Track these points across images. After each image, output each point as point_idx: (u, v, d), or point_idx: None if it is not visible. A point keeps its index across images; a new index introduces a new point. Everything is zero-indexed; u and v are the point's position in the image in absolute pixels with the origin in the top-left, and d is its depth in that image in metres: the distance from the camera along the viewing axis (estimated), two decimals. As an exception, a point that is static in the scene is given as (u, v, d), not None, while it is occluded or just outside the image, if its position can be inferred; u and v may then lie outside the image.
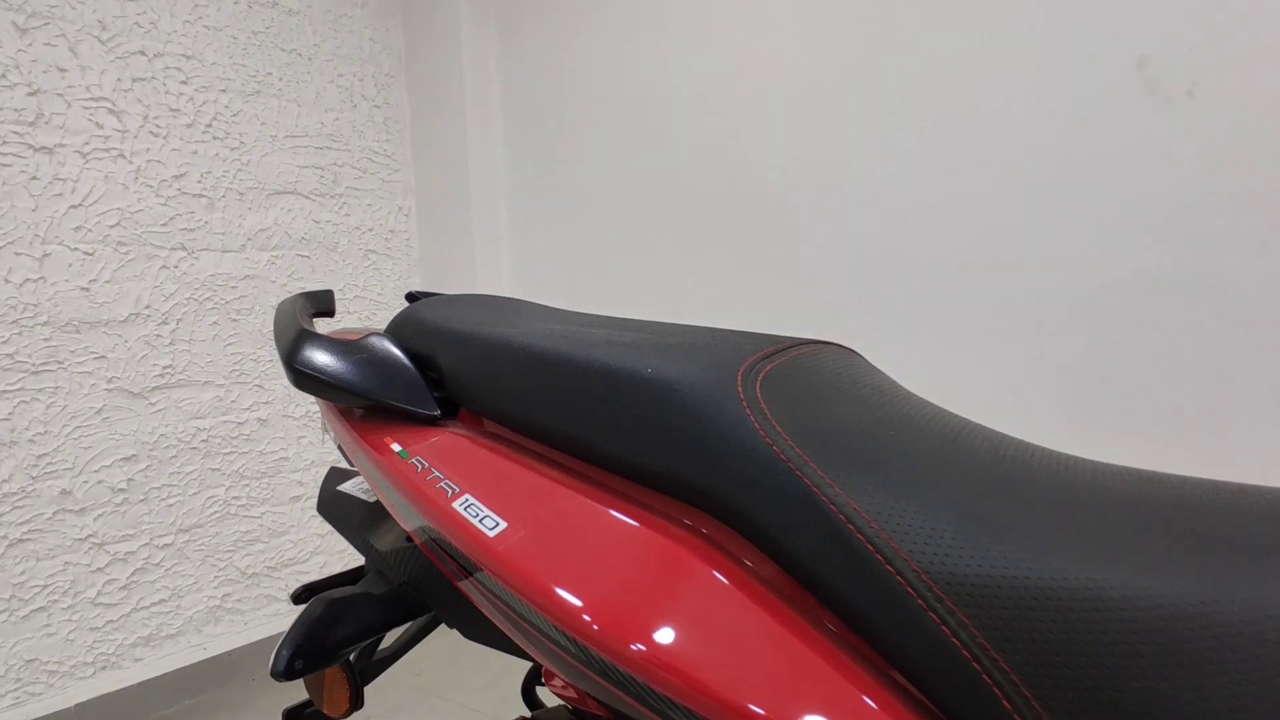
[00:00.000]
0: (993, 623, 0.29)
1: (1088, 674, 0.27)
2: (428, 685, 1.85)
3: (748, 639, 0.33)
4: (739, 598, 0.34)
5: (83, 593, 1.70)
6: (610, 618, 0.34)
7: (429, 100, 2.29)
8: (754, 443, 0.35)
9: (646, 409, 0.39)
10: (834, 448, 0.35)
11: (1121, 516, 0.31)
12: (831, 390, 0.39)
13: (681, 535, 0.37)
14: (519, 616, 0.39)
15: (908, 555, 0.31)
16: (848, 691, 0.31)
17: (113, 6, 1.72)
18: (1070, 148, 1.45)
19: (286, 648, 0.48)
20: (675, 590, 0.35)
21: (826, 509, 0.33)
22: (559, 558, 0.37)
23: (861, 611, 0.32)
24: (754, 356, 0.40)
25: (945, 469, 0.34)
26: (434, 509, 0.42)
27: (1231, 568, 0.27)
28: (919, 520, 0.31)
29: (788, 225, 1.78)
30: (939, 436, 0.37)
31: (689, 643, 0.33)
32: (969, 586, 0.29)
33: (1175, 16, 1.34)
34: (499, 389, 0.46)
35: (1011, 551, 0.30)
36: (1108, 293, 1.43)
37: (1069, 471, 0.34)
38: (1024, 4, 1.47)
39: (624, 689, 0.35)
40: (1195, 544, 0.29)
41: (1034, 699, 0.28)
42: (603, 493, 0.40)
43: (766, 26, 1.77)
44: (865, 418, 0.37)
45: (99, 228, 1.72)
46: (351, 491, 0.62)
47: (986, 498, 0.32)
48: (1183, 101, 1.36)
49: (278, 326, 0.55)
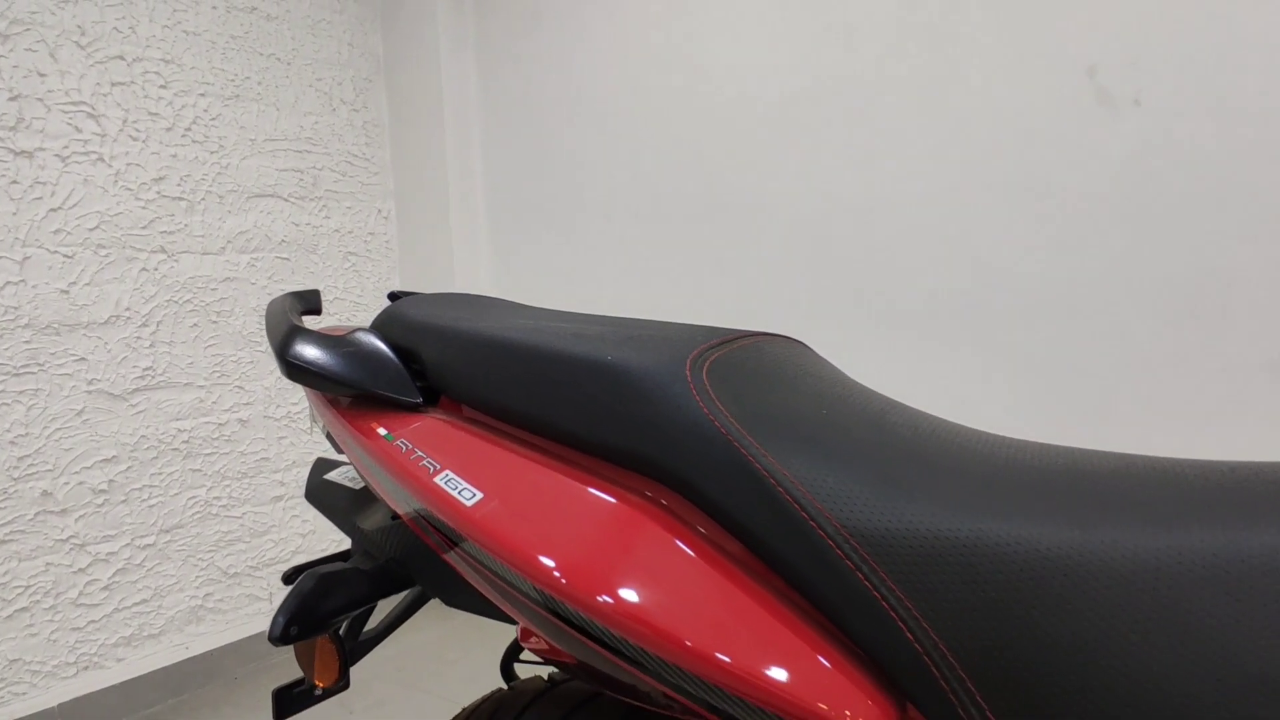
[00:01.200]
0: (899, 568, 0.34)
1: (975, 607, 0.32)
2: (411, 680, 1.88)
3: (694, 590, 0.38)
4: (688, 556, 0.39)
5: (64, 593, 1.72)
6: (577, 574, 0.39)
7: (408, 104, 2.32)
8: (698, 420, 0.40)
9: (606, 393, 0.43)
10: (770, 423, 0.39)
11: (1012, 481, 0.35)
12: (772, 375, 0.44)
13: (639, 503, 0.42)
14: (498, 578, 0.43)
15: (829, 513, 0.36)
16: (778, 630, 0.36)
17: (92, 12, 1.74)
18: (1026, 153, 1.52)
19: (282, 615, 0.52)
20: (633, 550, 0.40)
21: (760, 475, 0.38)
22: (530, 523, 0.42)
23: (791, 563, 0.37)
24: (703, 346, 0.44)
25: (867, 441, 0.39)
26: (418, 485, 0.47)
27: (1097, 520, 0.32)
28: (840, 484, 0.36)
29: (758, 226, 1.83)
30: (865, 415, 0.42)
31: (643, 593, 0.38)
32: (880, 538, 0.34)
33: (1121, 29, 1.41)
34: (475, 377, 0.51)
35: (916, 509, 0.34)
36: (1062, 290, 1.50)
37: (976, 445, 0.39)
38: (982, 17, 1.53)
39: (590, 637, 0.40)
40: (1070, 501, 0.34)
41: (931, 630, 0.33)
42: (569, 467, 0.45)
43: (739, 35, 1.83)
44: (800, 398, 0.42)
45: (78, 231, 1.73)
46: (337, 480, 0.66)
47: (899, 465, 0.37)
48: (1130, 109, 1.43)
49: (270, 323, 0.59)
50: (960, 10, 1.55)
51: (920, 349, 1.65)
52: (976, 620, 0.32)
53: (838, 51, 1.70)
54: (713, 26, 1.86)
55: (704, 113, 1.89)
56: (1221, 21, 1.34)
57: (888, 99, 1.65)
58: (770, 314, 1.84)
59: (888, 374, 1.70)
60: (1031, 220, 1.52)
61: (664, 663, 0.37)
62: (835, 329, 1.75)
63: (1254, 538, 0.30)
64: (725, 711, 0.37)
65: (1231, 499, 0.32)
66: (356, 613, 0.56)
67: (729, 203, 1.87)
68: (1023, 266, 1.53)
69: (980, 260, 1.57)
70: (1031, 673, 0.31)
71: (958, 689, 0.32)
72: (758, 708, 0.35)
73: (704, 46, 1.88)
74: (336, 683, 0.58)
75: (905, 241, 1.65)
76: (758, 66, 1.81)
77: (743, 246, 1.86)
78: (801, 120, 1.76)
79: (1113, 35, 1.42)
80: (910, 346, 1.66)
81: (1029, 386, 1.54)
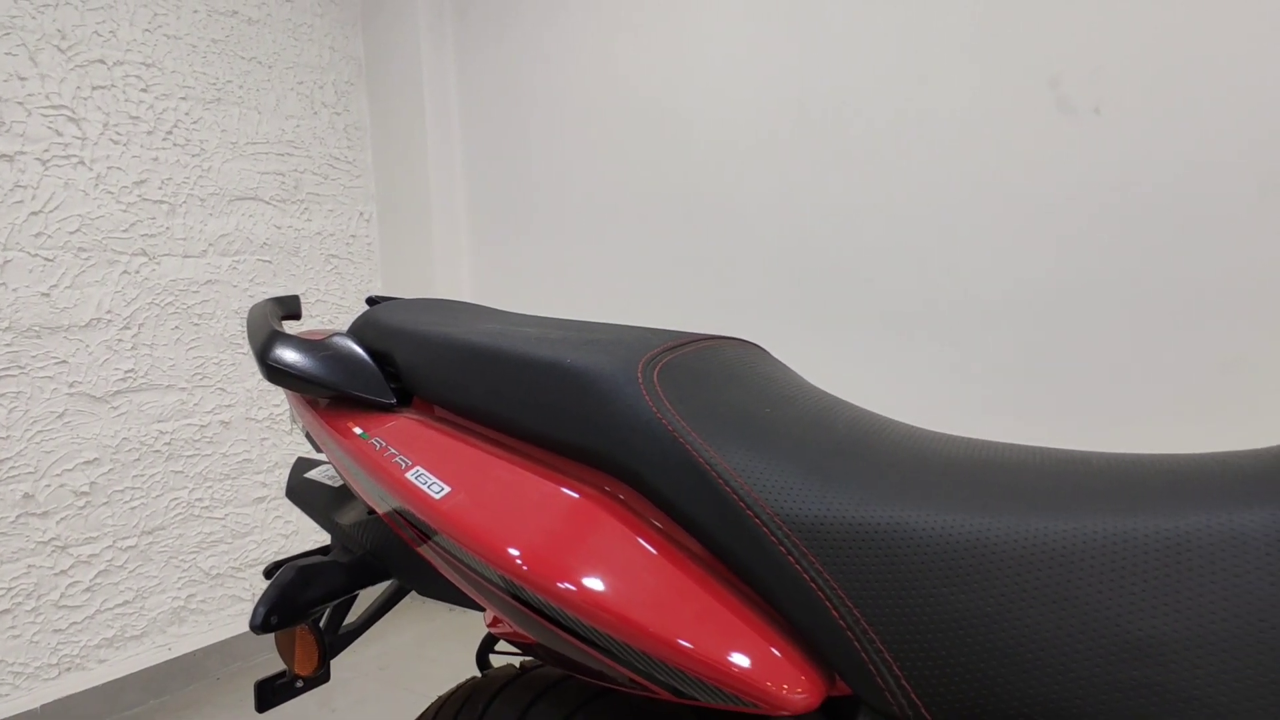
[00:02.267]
0: (827, 552, 0.37)
1: (893, 587, 0.35)
2: (393, 678, 1.90)
3: (644, 576, 0.41)
4: (640, 545, 0.42)
5: (46, 595, 1.72)
6: (537, 562, 0.42)
7: (389, 107, 2.34)
8: (647, 418, 0.43)
9: (563, 393, 0.46)
10: (714, 421, 0.43)
11: (933, 473, 0.39)
12: (721, 376, 0.47)
13: (596, 496, 0.45)
14: (467, 568, 0.46)
15: (765, 503, 0.39)
16: (720, 612, 0.40)
17: (73, 16, 1.75)
18: (992, 160, 1.56)
19: (263, 605, 0.55)
20: (589, 540, 0.43)
21: (703, 469, 0.41)
22: (494, 514, 0.45)
23: (732, 550, 0.40)
24: (658, 349, 0.48)
25: (804, 438, 0.42)
26: (390, 480, 0.50)
27: (1003, 507, 0.36)
28: (776, 476, 0.39)
29: (735, 230, 1.87)
30: (807, 413, 0.45)
31: (597, 579, 0.41)
32: (811, 525, 0.38)
33: (1083, 40, 1.46)
34: (445, 380, 0.53)
35: (844, 499, 0.38)
36: (1026, 293, 1.54)
37: (907, 441, 0.43)
38: (951, 26, 1.58)
39: (550, 620, 0.43)
40: (982, 491, 0.37)
41: (855, 608, 0.36)
42: (531, 462, 0.48)
43: (717, 39, 1.86)
44: (746, 398, 0.45)
45: (59, 234, 1.74)
46: (317, 478, 0.69)
47: (832, 459, 0.40)
48: (1091, 117, 1.48)
49: (251, 328, 0.61)
50: (928, 20, 1.60)
51: (891, 349, 1.70)
52: (894, 598, 0.35)
53: (812, 59, 1.74)
54: (692, 33, 1.90)
55: (683, 117, 1.93)
56: (1179, 35, 1.39)
57: (860, 105, 1.69)
58: (745, 315, 1.88)
59: (863, 372, 1.74)
60: (996, 226, 1.57)
61: (615, 641, 0.40)
62: (809, 329, 1.79)
63: (1136, 522, 0.33)
64: (671, 686, 0.40)
65: (1123, 488, 0.35)
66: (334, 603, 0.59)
67: (707, 206, 1.91)
68: (990, 271, 1.58)
69: (948, 264, 1.62)
70: (941, 643, 0.34)
71: (877, 660, 0.36)
72: (699, 681, 0.39)
73: (683, 53, 1.91)
74: (316, 672, 0.60)
75: (876, 245, 1.70)
76: (735, 72, 1.84)
77: (720, 249, 1.90)
78: (777, 126, 1.80)
79: (1075, 46, 1.47)
80: (882, 347, 1.71)
81: (1000, 386, 1.59)
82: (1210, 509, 0.32)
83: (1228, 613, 0.30)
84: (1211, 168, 1.38)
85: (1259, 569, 0.31)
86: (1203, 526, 0.32)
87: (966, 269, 1.60)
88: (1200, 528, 0.32)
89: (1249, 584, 0.30)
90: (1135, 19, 1.42)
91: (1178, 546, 0.32)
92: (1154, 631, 0.31)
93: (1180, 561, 0.32)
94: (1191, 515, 0.33)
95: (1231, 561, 0.31)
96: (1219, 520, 0.32)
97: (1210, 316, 1.39)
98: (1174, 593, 0.31)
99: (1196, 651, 0.30)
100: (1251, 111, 1.34)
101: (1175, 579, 0.31)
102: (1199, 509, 0.33)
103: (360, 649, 2.06)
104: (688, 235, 1.94)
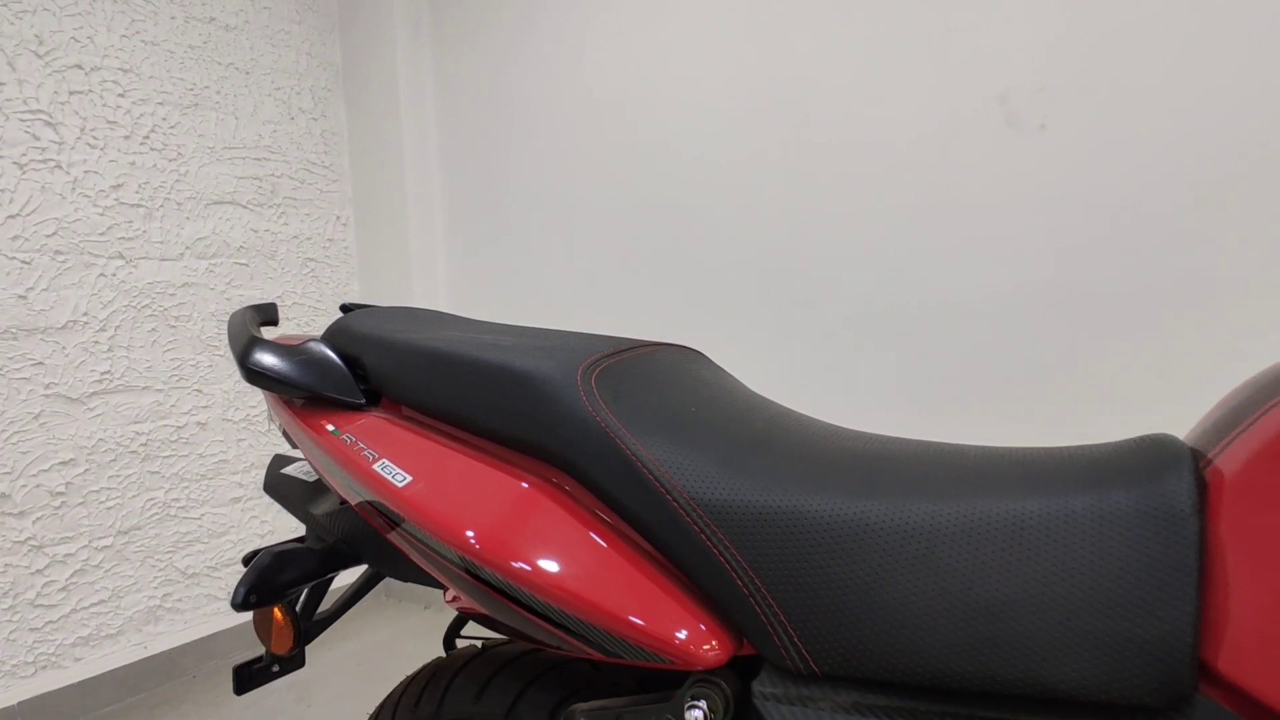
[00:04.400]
0: (734, 531, 0.43)
1: (789, 560, 0.41)
2: (368, 673, 1.94)
3: (581, 553, 0.47)
4: (578, 527, 0.48)
5: (23, 594, 1.74)
6: (489, 541, 0.48)
7: (366, 113, 2.37)
8: (583, 416, 0.49)
9: (511, 394, 0.52)
10: (644, 418, 0.48)
11: (829, 464, 0.45)
12: (655, 379, 0.53)
13: (541, 485, 0.51)
14: (429, 549, 0.51)
15: (682, 489, 0.45)
16: (645, 584, 0.45)
17: (50, 21, 1.77)
18: (944, 171, 1.64)
19: (242, 586, 0.60)
20: (534, 523, 0.48)
21: (630, 460, 0.47)
22: (450, 501, 0.50)
23: (655, 529, 0.46)
24: (599, 355, 0.53)
25: (723, 433, 0.48)
26: (359, 471, 0.55)
27: (884, 493, 0.42)
28: (693, 466, 0.45)
29: (701, 236, 1.93)
30: (728, 411, 0.51)
31: (541, 556, 0.47)
32: (720, 508, 0.43)
33: (1030, 59, 1.54)
34: (409, 382, 0.59)
35: (750, 485, 0.44)
36: (973, 297, 1.62)
37: (814, 436, 0.49)
38: (907, 44, 1.65)
39: (501, 593, 0.48)
40: (868, 479, 0.43)
41: (757, 578, 0.42)
42: (485, 455, 0.54)
43: (685, 52, 1.92)
44: (676, 398, 0.51)
45: (36, 237, 1.76)
46: (293, 473, 0.73)
47: (744, 450, 0.46)
48: (1036, 133, 1.56)
49: (231, 333, 0.66)
50: (886, 37, 1.67)
51: (844, 350, 1.77)
52: (790, 570, 0.41)
53: (776, 76, 1.81)
54: (663, 45, 1.96)
55: (652, 129, 1.98)
56: (1118, 56, 1.47)
57: (821, 117, 1.76)
58: (715, 317, 1.94)
59: (816, 368, 1.81)
60: (946, 234, 1.64)
61: (554, 609, 0.46)
62: (765, 330, 1.86)
63: (990, 504, 0.39)
64: (602, 646, 0.46)
65: (983, 476, 0.41)
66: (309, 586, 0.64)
67: (674, 214, 1.97)
68: (938, 277, 1.65)
69: (899, 271, 1.69)
70: (828, 607, 0.40)
71: (775, 623, 0.42)
72: (625, 641, 0.44)
73: (653, 66, 1.97)
74: (291, 652, 0.65)
75: (832, 252, 1.77)
76: (701, 87, 1.90)
77: (687, 254, 1.96)
78: (743, 138, 1.86)
79: (1023, 66, 1.55)
80: (836, 347, 1.78)
81: (945, 387, 1.66)
82: (1049, 494, 0.39)
83: (1058, 578, 0.37)
84: (1147, 180, 1.46)
85: (1084, 542, 0.37)
86: (1042, 508, 0.38)
87: (916, 275, 1.67)
88: (1039, 509, 0.38)
89: (1076, 554, 0.37)
90: (1078, 41, 1.50)
91: (1021, 524, 0.38)
92: (999, 595, 0.37)
93: (1022, 537, 0.38)
94: (1034, 499, 0.39)
95: (1062, 536, 0.37)
96: (1054, 503, 0.38)
97: (1147, 320, 1.47)
98: (1016, 562, 0.37)
99: (1033, 611, 0.36)
100: (1184, 128, 1.43)
101: (1018, 551, 0.37)
102: (1040, 494, 0.39)
103: (337, 646, 2.10)
104: (656, 242, 2.00)
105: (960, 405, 1.66)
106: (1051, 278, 1.55)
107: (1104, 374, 1.52)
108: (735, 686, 0.45)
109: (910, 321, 1.70)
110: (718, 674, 0.45)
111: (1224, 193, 1.40)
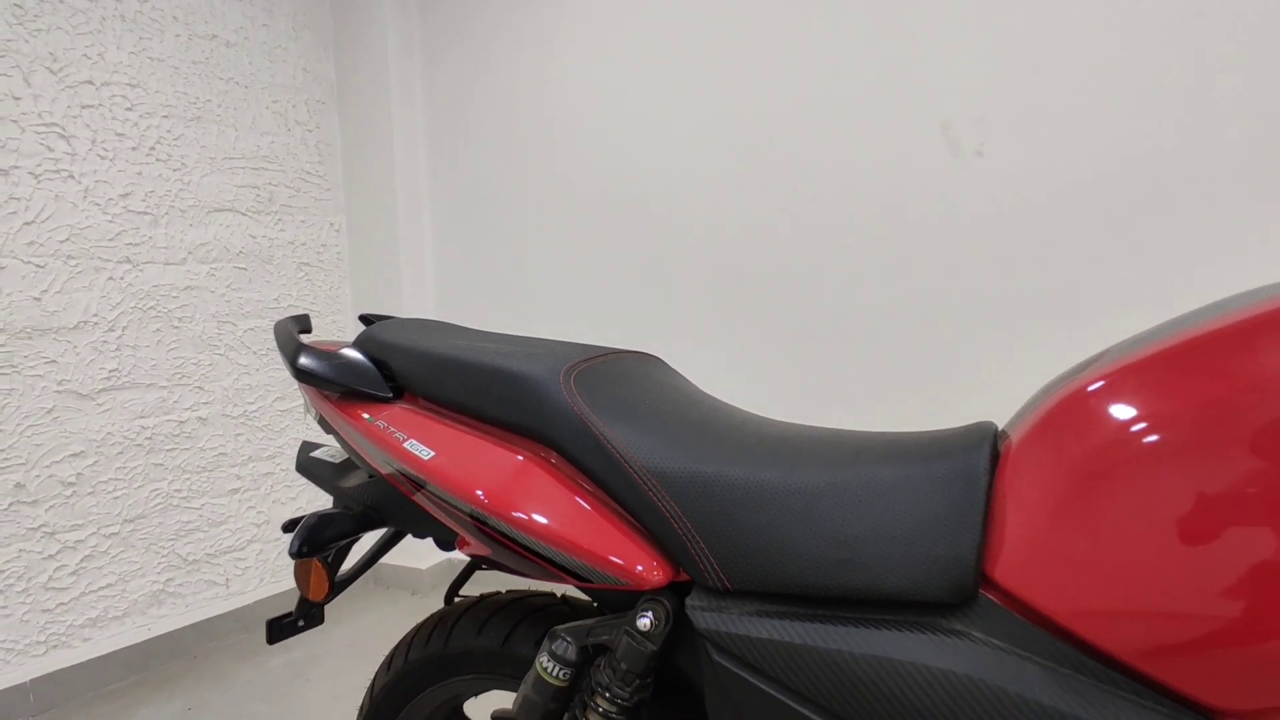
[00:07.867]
0: (674, 490, 0.58)
1: (711, 511, 0.57)
2: (363, 652, 2.07)
3: (561, 506, 0.62)
4: (561, 489, 0.64)
5: (35, 578, 1.86)
6: (493, 497, 0.63)
7: (358, 125, 2.50)
8: (565, 407, 0.64)
9: (509, 390, 0.68)
10: (609, 408, 0.64)
11: (748, 443, 0.60)
12: (620, 378, 0.69)
13: (533, 458, 0.67)
14: (447, 505, 0.67)
15: (636, 460, 0.60)
16: (607, 528, 0.61)
17: (63, 40, 1.89)
18: (890, 194, 1.81)
19: (297, 539, 0.75)
20: (527, 484, 0.64)
21: (599, 439, 0.62)
22: (464, 469, 0.66)
23: (616, 490, 0.61)
24: (577, 360, 0.69)
25: (669, 419, 0.64)
26: (392, 448, 0.70)
27: (782, 464, 0.57)
28: (645, 443, 0.61)
29: (679, 247, 2.09)
30: (674, 403, 0.67)
31: (532, 508, 0.62)
32: (665, 474, 0.59)
33: (969, 88, 1.71)
34: (429, 381, 0.74)
35: (687, 457, 0.59)
36: (914, 306, 1.79)
37: (740, 424, 0.64)
38: (857, 72, 1.82)
39: (501, 536, 0.64)
40: (772, 454, 0.58)
41: (689, 523, 0.57)
42: (490, 437, 0.69)
43: (659, 70, 2.08)
44: (634, 394, 0.67)
45: (50, 243, 1.87)
46: (321, 456, 0.88)
47: (683, 432, 0.62)
48: (974, 158, 1.73)
49: (279, 340, 0.82)
50: (837, 65, 1.84)
51: (798, 352, 1.93)
52: (712, 517, 0.57)
53: (738, 97, 1.97)
54: (642, 68, 2.11)
55: (633, 140, 2.14)
56: (1049, 88, 1.65)
57: (779, 139, 1.92)
58: (685, 323, 2.10)
59: (776, 367, 1.97)
60: (889, 252, 1.81)
61: (542, 545, 0.62)
62: (741, 336, 2.02)
63: (855, 471, 0.55)
64: (575, 573, 0.61)
65: (853, 451, 0.57)
66: (343, 543, 0.79)
67: (652, 224, 2.13)
68: (883, 289, 1.82)
69: (840, 285, 1.86)
70: (737, 543, 0.56)
71: (701, 555, 0.57)
72: (593, 569, 0.60)
73: (633, 83, 2.12)
74: (326, 599, 0.80)
75: (788, 265, 1.93)
76: (675, 106, 2.06)
77: (665, 263, 2.11)
78: (707, 157, 2.02)
79: (963, 95, 1.72)
80: (792, 350, 1.94)
81: (888, 383, 1.83)
82: (896, 464, 0.54)
83: (893, 520, 0.52)
84: (1069, 203, 1.64)
85: (914, 495, 0.52)
86: (890, 474, 0.54)
87: (856, 285, 1.84)
88: (889, 474, 0.54)
89: (907, 504, 0.52)
90: (1012, 74, 1.67)
91: (873, 485, 0.54)
92: (854, 532, 0.53)
93: (873, 493, 0.53)
94: (885, 468, 0.54)
95: (900, 492, 0.53)
96: (899, 470, 0.54)
97: (1065, 326, 1.65)
98: (867, 511, 0.53)
99: (876, 542, 0.52)
100: (1104, 155, 1.61)
101: (868, 503, 0.53)
102: (890, 464, 0.55)
103: (330, 629, 2.23)
104: (629, 251, 2.15)
105: (881, 403, 1.82)
106: (987, 290, 1.72)
107: (1022, 375, 1.69)
108: (673, 603, 0.61)
109: (860, 327, 1.86)
110: (661, 593, 0.61)
111: (1133, 215, 1.58)
